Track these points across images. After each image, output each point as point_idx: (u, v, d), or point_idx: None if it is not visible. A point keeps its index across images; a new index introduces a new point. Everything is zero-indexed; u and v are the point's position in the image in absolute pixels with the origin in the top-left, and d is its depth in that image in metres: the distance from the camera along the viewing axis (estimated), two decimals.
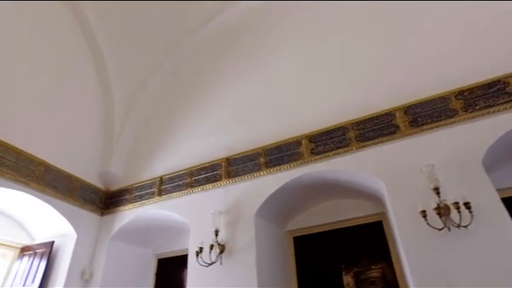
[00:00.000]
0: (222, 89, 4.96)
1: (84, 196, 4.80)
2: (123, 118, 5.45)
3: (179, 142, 4.86)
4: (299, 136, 3.87)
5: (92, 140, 5.18)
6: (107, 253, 4.64)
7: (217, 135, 4.53)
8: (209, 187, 4.13)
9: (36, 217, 4.62)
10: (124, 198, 4.83)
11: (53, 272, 4.45)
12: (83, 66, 5.24)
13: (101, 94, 5.45)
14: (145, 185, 4.73)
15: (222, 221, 3.75)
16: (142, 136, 5.42)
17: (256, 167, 3.94)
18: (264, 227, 3.80)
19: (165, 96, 5.62)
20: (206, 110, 4.91)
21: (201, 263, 3.51)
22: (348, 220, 4.04)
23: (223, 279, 3.44)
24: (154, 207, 4.47)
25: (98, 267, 4.57)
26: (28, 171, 4.14)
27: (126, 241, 4.87)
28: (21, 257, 4.65)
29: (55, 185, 4.42)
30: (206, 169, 4.28)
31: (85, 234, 4.69)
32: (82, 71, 5.23)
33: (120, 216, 4.75)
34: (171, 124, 5.14)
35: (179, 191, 4.33)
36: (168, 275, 4.98)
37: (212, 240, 3.57)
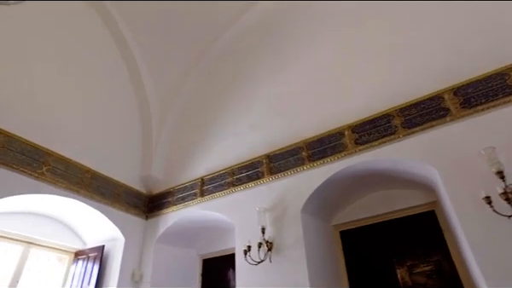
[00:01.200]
0: (256, 86, 4.93)
1: (129, 201, 4.93)
2: (160, 122, 5.56)
3: (217, 142, 4.88)
4: (342, 127, 3.75)
5: (132, 146, 5.35)
6: (154, 255, 4.75)
7: (255, 132, 4.50)
8: (251, 185, 4.10)
9: (86, 223, 4.81)
10: (166, 201, 4.92)
11: (105, 274, 4.62)
12: (119, 78, 5.50)
13: (138, 101, 5.62)
14: (187, 186, 4.78)
15: (267, 218, 3.71)
16: (180, 139, 5.49)
17: (299, 162, 3.86)
18: (311, 222, 3.71)
19: (200, 98, 5.66)
20: (242, 108, 4.89)
21: (250, 262, 3.48)
22: (397, 211, 3.86)
23: (273, 276, 3.40)
24: (197, 208, 4.51)
25: (147, 268, 4.69)
26: (77, 179, 4.31)
27: (172, 243, 4.95)
28: (76, 261, 4.86)
29: (101, 191, 4.58)
30: (247, 168, 4.26)
31: (132, 238, 4.82)
32: (119, 82, 5.47)
33: (164, 219, 4.84)
34: (208, 125, 5.17)
35: (221, 190, 4.34)
36: (214, 275, 5.02)
37: (259, 238, 3.53)
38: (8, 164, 3.64)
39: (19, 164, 3.75)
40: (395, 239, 3.83)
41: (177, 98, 5.70)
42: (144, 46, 5.53)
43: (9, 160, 3.67)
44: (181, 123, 5.64)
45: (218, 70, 5.67)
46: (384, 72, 3.80)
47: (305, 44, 4.76)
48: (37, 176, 3.88)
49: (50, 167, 4.05)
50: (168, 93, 5.69)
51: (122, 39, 5.48)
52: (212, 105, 5.35)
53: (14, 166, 3.69)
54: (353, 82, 3.98)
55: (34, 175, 3.86)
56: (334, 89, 4.10)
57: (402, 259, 3.70)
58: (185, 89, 5.76)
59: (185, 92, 5.76)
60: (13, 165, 3.69)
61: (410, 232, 3.76)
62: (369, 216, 4.01)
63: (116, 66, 5.50)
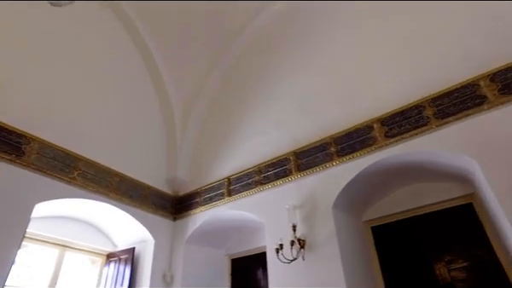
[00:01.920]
0: (279, 83, 4.88)
1: (156, 202, 4.99)
2: (183, 124, 5.61)
3: (242, 141, 4.86)
4: (370, 120, 3.65)
5: (157, 149, 5.42)
6: (183, 256, 4.78)
7: (280, 129, 4.45)
8: (279, 183, 4.06)
9: (116, 225, 4.89)
10: (194, 202, 4.94)
11: (137, 275, 4.69)
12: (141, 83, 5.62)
13: (160, 104, 5.71)
14: (213, 187, 4.79)
15: (298, 215, 3.66)
16: (204, 140, 5.52)
17: (327, 157, 3.79)
18: (342, 218, 3.63)
19: (222, 98, 5.67)
20: (266, 106, 4.86)
21: (283, 260, 3.44)
22: (431, 205, 3.72)
23: (307, 274, 3.34)
24: (225, 208, 4.50)
25: (177, 269, 4.72)
26: (106, 183, 4.39)
27: (200, 243, 4.97)
28: (108, 263, 4.95)
29: (130, 194, 4.64)
30: (275, 165, 4.22)
31: (161, 239, 4.87)
32: (141, 87, 5.58)
33: (193, 220, 4.86)
34: (232, 125, 5.17)
35: (249, 189, 4.32)
36: (243, 275, 5.00)
37: (290, 236, 3.49)
38: (42, 170, 3.74)
39: (52, 170, 3.85)
40: (430, 234, 3.69)
41: (199, 99, 5.72)
42: (164, 49, 5.61)
43: (43, 166, 3.78)
44: (204, 124, 5.67)
45: (239, 69, 5.65)
46: (412, 62, 3.69)
47: (327, 39, 4.68)
48: (69, 181, 3.98)
49: (81, 171, 4.14)
50: (190, 94, 5.73)
51: (143, 43, 5.59)
52: (235, 104, 5.34)
53: (48, 172, 3.80)
54: (380, 74, 3.88)
55: (66, 179, 3.96)
56: (360, 83, 4.01)
57: (439, 254, 3.56)
58: (207, 90, 5.77)
59: (207, 93, 5.78)
60: (47, 171, 3.79)
61: (446, 226, 3.62)
62: (401, 211, 3.89)
63: (138, 71, 5.61)
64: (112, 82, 5.06)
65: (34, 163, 3.71)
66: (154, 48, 5.60)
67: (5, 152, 3.49)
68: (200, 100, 5.72)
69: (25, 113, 3.82)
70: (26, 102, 3.89)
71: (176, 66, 5.65)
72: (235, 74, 5.68)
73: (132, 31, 5.53)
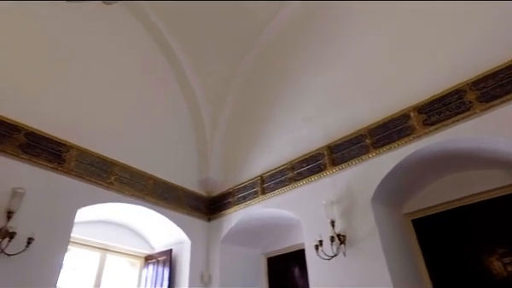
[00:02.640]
0: (308, 78, 4.78)
1: (191, 204, 5.04)
2: (212, 125, 5.64)
3: (273, 139, 4.81)
4: (406, 109, 3.50)
5: (188, 150, 5.49)
6: (220, 256, 4.79)
7: (312, 124, 4.37)
8: (314, 179, 3.98)
9: (153, 228, 4.98)
10: (227, 202, 4.95)
11: (176, 277, 4.75)
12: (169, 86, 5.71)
13: (188, 106, 5.78)
14: (246, 186, 4.77)
15: (335, 211, 3.57)
16: (234, 140, 5.51)
17: (363, 150, 3.68)
18: (382, 211, 3.51)
19: (250, 96, 5.64)
20: (296, 101, 4.78)
21: (323, 257, 3.37)
22: (477, 194, 3.51)
23: (349, 270, 3.25)
24: (259, 206, 4.47)
25: (215, 269, 4.74)
26: (141, 186, 4.47)
27: (236, 243, 4.97)
28: (147, 265, 5.05)
29: (164, 196, 4.71)
30: (308, 161, 4.14)
31: (197, 240, 4.91)
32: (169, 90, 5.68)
33: (227, 220, 4.87)
34: (261, 123, 5.13)
35: (283, 186, 4.26)
36: (280, 274, 4.94)
37: (328, 232, 3.40)
38: (82, 176, 3.86)
39: (91, 176, 3.96)
40: (478, 225, 3.48)
41: (226, 98, 5.73)
42: (188, 51, 5.67)
43: (82, 172, 3.89)
44: (233, 123, 5.67)
45: (266, 65, 5.60)
46: (448, 45, 3.50)
47: (353, 31, 4.52)
48: (106, 186, 4.08)
49: (117, 176, 4.24)
50: (217, 94, 5.75)
51: (167, 47, 5.67)
52: (264, 102, 5.30)
53: (87, 178, 3.91)
54: (412, 61, 3.71)
55: (104, 184, 4.06)
56: (392, 72, 3.86)
57: (490, 248, 3.34)
58: (234, 88, 5.77)
59: (234, 91, 5.77)
60: (86, 177, 3.91)
61: (496, 217, 3.40)
62: (444, 202, 3.70)
63: (164, 75, 5.72)
64: (140, 88, 5.15)
65: (74, 169, 3.83)
66: (178, 50, 5.68)
67: (48, 161, 3.62)
68: (227, 100, 5.73)
69: (63, 122, 3.96)
70: (63, 112, 4.04)
71: (201, 66, 5.69)
72: (262, 71, 5.62)
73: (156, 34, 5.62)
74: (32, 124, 3.64)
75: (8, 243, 2.95)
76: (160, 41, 5.67)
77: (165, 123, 5.32)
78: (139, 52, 5.41)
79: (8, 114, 3.49)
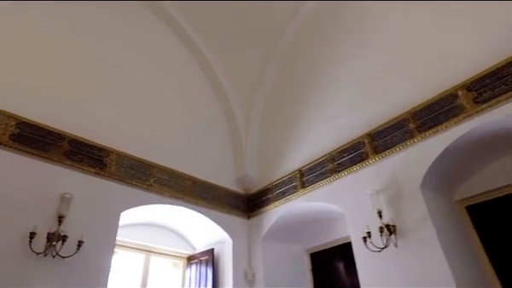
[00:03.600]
0: (342, 65, 4.60)
1: (230, 202, 5.01)
2: (245, 122, 5.60)
3: (309, 131, 4.69)
4: (452, 88, 3.26)
5: (223, 149, 5.49)
6: (262, 254, 4.72)
7: (349, 113, 4.20)
8: (356, 168, 3.82)
9: (194, 228, 5.00)
10: (266, 198, 4.88)
11: (219, 276, 4.74)
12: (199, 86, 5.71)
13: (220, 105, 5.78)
14: (285, 181, 4.68)
15: (381, 200, 3.40)
16: (269, 135, 5.44)
17: (406, 135, 3.48)
18: (433, 198, 3.29)
19: (282, 89, 5.54)
20: (331, 91, 4.62)
21: (372, 249, 3.21)
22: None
23: (402, 261, 3.07)
24: (300, 201, 4.36)
25: (258, 267, 4.68)
26: (180, 187, 4.50)
27: (278, 239, 4.88)
28: (190, 266, 5.08)
29: (203, 196, 4.71)
30: (348, 151, 3.99)
31: (239, 238, 4.88)
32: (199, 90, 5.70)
33: (267, 216, 4.80)
34: (296, 115, 5.02)
35: (323, 179, 4.13)
36: (324, 269, 4.80)
37: (376, 223, 3.24)
38: (122, 180, 3.93)
39: (131, 179, 4.02)
40: None
41: (257, 94, 5.67)
42: (217, 51, 5.65)
43: (123, 176, 3.96)
44: (267, 119, 5.59)
45: (295, 57, 5.47)
46: (498, 20, 3.21)
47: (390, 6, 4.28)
48: (147, 188, 4.14)
49: (156, 178, 4.29)
50: (248, 90, 5.70)
51: (194, 46, 5.68)
52: (296, 94, 5.18)
53: (127, 181, 3.98)
54: (455, 37, 3.45)
55: (144, 187, 4.12)
56: (433, 51, 3.62)
57: None
58: (264, 83, 5.69)
59: (265, 86, 5.69)
60: (127, 180, 3.97)
61: None
62: (501, 187, 3.42)
63: (194, 75, 5.74)
64: (172, 91, 5.22)
65: (115, 173, 3.91)
66: (207, 51, 5.68)
67: (91, 166, 3.72)
68: (258, 95, 5.66)
69: (102, 128, 4.05)
70: (101, 118, 4.14)
71: (230, 65, 5.67)
72: (292, 63, 5.50)
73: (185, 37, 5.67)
74: (74, 132, 3.75)
75: (61, 246, 3.04)
76: (188, 43, 5.71)
77: (199, 124, 5.34)
78: (169, 56, 5.47)
79: (53, 124, 3.62)
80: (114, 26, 4.90)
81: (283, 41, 5.53)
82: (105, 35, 4.72)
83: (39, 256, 2.96)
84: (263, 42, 5.57)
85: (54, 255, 3.02)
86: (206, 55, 5.71)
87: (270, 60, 5.64)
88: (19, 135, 3.34)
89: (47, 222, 3.11)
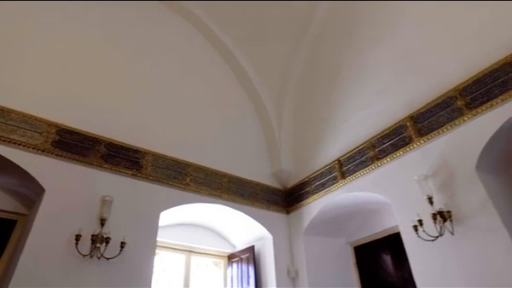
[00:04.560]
0: (374, 48, 4.33)
1: (267, 198, 4.91)
2: (277, 115, 5.48)
3: (345, 119, 4.47)
4: (509, 56, 2.94)
5: (257, 144, 5.42)
6: (304, 249, 4.57)
7: (387, 96, 3.96)
8: (399, 154, 3.58)
9: (233, 226, 4.95)
10: (305, 192, 4.73)
11: (262, 273, 4.64)
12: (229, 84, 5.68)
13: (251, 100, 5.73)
14: (323, 172, 4.50)
15: (431, 185, 3.15)
16: (302, 126, 5.28)
17: (454, 113, 3.20)
18: (492, 181, 2.98)
19: (312, 79, 5.35)
20: (364, 76, 4.37)
21: (425, 238, 2.98)
22: None
23: (461, 249, 2.81)
24: (341, 192, 4.17)
25: (300, 263, 4.53)
26: (217, 184, 4.45)
27: (319, 234, 4.71)
28: (231, 264, 5.03)
29: (240, 192, 4.64)
30: (389, 136, 3.75)
31: (279, 234, 4.76)
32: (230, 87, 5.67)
33: (306, 210, 4.64)
34: (329, 104, 4.82)
35: (364, 167, 3.91)
36: (370, 263, 4.57)
37: (426, 210, 3.00)
38: (159, 180, 3.94)
39: (168, 179, 4.03)
40: None
41: (288, 87, 5.51)
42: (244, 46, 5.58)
43: (159, 176, 3.97)
44: (299, 111, 5.42)
45: (324, 45, 5.26)
46: None
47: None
48: (183, 187, 4.12)
49: (192, 177, 4.27)
50: (278, 84, 5.56)
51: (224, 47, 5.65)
52: (328, 84, 4.97)
53: (164, 181, 3.98)
54: None
55: (181, 186, 4.11)
56: (479, 23, 3.29)
57: None
58: (294, 75, 5.51)
59: (295, 78, 5.52)
60: (163, 180, 3.97)
61: None
62: None
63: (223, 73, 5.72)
64: (201, 90, 5.21)
65: (152, 174, 3.92)
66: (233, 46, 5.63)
67: (128, 168, 3.76)
68: (289, 88, 5.50)
69: (136, 130, 4.09)
70: (135, 120, 4.18)
71: (258, 58, 5.58)
72: (321, 51, 5.28)
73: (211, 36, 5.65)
74: (110, 135, 3.80)
75: (105, 248, 3.07)
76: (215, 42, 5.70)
77: (231, 121, 5.29)
78: (198, 57, 5.48)
79: (89, 129, 3.69)
80: (145, 33, 4.98)
81: (311, 29, 5.32)
82: (136, 40, 4.80)
83: (86, 258, 3.01)
84: (289, 32, 5.41)
85: (99, 256, 3.06)
86: (234, 53, 5.66)
87: (299, 51, 5.47)
88: (59, 142, 3.44)
89: (91, 225, 3.16)
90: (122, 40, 4.65)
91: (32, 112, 3.40)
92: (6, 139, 3.13)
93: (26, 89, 3.54)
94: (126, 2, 4.95)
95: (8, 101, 3.31)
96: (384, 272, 4.32)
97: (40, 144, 3.30)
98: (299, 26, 5.35)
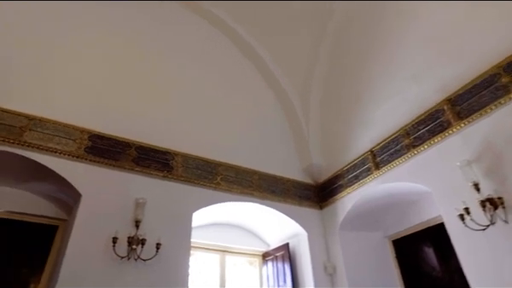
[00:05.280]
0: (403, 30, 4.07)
1: (299, 194, 4.81)
2: (303, 109, 5.35)
3: (375, 108, 4.26)
4: None
5: (285, 140, 5.33)
6: (340, 244, 4.42)
7: (418, 82, 3.73)
8: (438, 140, 3.36)
9: (266, 224, 4.89)
10: (338, 185, 4.58)
11: (298, 271, 4.55)
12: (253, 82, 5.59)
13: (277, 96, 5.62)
14: (356, 164, 4.34)
15: (476, 171, 2.94)
16: (330, 119, 5.12)
17: (498, 92, 2.95)
18: None
19: (338, 70, 5.15)
20: (394, 61, 4.14)
21: (473, 227, 2.78)
22: None
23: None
24: (376, 183, 4.00)
25: (337, 259, 4.40)
26: (248, 182, 4.41)
27: (355, 228, 4.55)
28: (266, 263, 4.97)
29: (272, 189, 4.57)
30: (425, 122, 3.54)
31: (313, 230, 4.65)
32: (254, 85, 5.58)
33: (341, 205, 4.50)
34: (357, 94, 4.62)
35: (400, 156, 3.72)
36: (411, 256, 4.35)
37: (475, 197, 2.79)
38: (190, 180, 3.95)
39: (198, 179, 4.03)
40: None
41: (313, 80, 5.35)
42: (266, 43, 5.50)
43: (190, 176, 3.98)
44: (326, 103, 5.25)
45: (349, 34, 5.05)
46: None
47: None
48: (215, 187, 4.11)
49: (223, 176, 4.25)
50: (302, 78, 5.42)
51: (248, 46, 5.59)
52: (355, 72, 4.77)
53: (195, 181, 3.98)
54: None
55: (212, 185, 4.10)
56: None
57: None
58: (319, 67, 5.35)
59: (319, 71, 5.35)
60: (194, 180, 3.98)
61: None
62: None
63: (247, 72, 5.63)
64: (227, 88, 5.18)
65: (182, 175, 3.94)
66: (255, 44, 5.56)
67: (158, 170, 3.79)
68: (314, 80, 5.33)
69: (164, 132, 4.12)
70: (163, 122, 4.22)
71: (280, 53, 5.47)
72: (345, 40, 5.06)
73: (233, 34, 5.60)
74: (139, 138, 3.85)
75: (141, 249, 3.10)
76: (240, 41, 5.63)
77: (258, 118, 5.22)
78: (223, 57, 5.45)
79: (119, 133, 3.75)
80: (168, 35, 5.03)
81: (334, 16, 5.12)
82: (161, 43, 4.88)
83: (123, 260, 3.05)
84: (311, 24, 5.24)
85: (136, 258, 3.09)
86: (255, 49, 5.58)
87: (322, 41, 5.29)
88: (92, 148, 3.52)
89: (126, 227, 3.20)
90: (146, 43, 4.72)
91: (65, 120, 3.50)
92: (44, 147, 3.24)
93: (58, 98, 3.65)
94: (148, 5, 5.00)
95: (43, 111, 3.43)
96: (427, 265, 4.11)
97: (74, 150, 3.39)
98: (322, 17, 5.18)
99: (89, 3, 4.42)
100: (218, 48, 5.48)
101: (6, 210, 3.37)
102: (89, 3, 4.42)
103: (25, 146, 3.16)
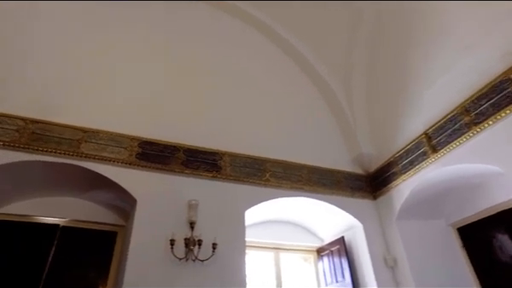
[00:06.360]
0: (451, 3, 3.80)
1: (351, 185, 4.63)
2: (347, 98, 5.14)
3: (426, 87, 3.94)
4: None
5: (332, 132, 5.15)
6: (399, 235, 4.17)
7: (475, 52, 3.40)
8: (505, 114, 3.03)
9: (318, 219, 4.76)
10: (391, 173, 4.34)
11: (356, 264, 4.38)
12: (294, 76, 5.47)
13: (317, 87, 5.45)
14: (410, 149, 4.08)
15: None
16: (377, 105, 4.84)
17: None
18: None
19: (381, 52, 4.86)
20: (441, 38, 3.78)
21: None
22: None
23: None
24: (434, 167, 3.71)
25: (398, 251, 4.16)
26: (297, 177, 4.33)
27: (414, 217, 4.27)
28: (321, 258, 4.85)
29: (322, 182, 4.45)
30: (488, 95, 3.21)
31: (369, 222, 4.45)
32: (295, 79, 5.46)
33: (396, 193, 4.26)
34: (405, 74, 4.32)
35: (459, 136, 3.41)
36: (481, 244, 3.99)
37: None
38: (239, 179, 3.95)
39: (247, 177, 4.01)
40: None
41: (354, 65, 5.11)
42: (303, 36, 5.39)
43: (239, 175, 3.98)
44: (370, 89, 4.99)
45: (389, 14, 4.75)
46: None
47: None
48: (264, 184, 4.08)
49: (271, 172, 4.20)
50: (343, 64, 5.21)
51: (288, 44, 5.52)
52: (399, 53, 4.46)
53: (244, 180, 3.97)
54: None
55: (261, 182, 4.07)
56: None
57: None
58: (358, 51, 5.07)
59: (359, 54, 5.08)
60: (243, 179, 3.97)
61: None
62: None
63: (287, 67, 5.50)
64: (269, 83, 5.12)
65: (231, 174, 3.95)
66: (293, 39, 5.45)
67: (207, 171, 3.82)
68: (355, 65, 5.09)
69: (210, 133, 4.17)
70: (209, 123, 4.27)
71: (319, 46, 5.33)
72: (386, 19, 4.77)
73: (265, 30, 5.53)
74: (186, 141, 3.92)
75: (198, 250, 3.13)
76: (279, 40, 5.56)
77: (301, 111, 5.09)
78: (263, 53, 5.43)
79: (167, 138, 3.85)
80: (211, 35, 5.12)
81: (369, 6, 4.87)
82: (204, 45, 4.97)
83: (182, 261, 3.10)
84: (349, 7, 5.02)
85: (193, 259, 3.13)
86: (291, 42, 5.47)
87: (360, 27, 5.04)
88: (142, 154, 3.63)
89: (182, 229, 3.27)
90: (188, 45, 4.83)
91: (116, 130, 3.64)
92: (99, 157, 3.40)
93: (107, 109, 3.82)
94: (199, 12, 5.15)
95: (95, 123, 3.60)
96: (503, 254, 3.75)
97: (126, 158, 3.52)
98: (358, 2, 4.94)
99: (136, 16, 4.61)
100: (259, 47, 5.45)
101: (71, 218, 3.58)
102: (136, 16, 4.61)
103: (83, 157, 3.33)
